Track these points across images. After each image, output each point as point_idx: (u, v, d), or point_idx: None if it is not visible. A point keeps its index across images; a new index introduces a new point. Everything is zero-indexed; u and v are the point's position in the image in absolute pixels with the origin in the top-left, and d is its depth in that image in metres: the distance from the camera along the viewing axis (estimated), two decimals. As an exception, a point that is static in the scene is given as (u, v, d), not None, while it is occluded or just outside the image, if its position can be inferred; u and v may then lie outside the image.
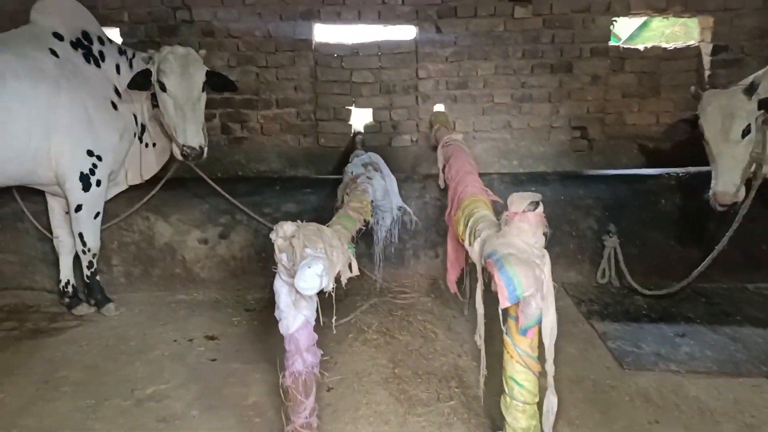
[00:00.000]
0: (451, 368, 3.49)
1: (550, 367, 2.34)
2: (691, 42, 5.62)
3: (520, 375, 2.37)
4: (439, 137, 4.63)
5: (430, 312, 4.26)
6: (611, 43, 5.56)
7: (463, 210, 2.90)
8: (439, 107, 5.64)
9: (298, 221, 2.43)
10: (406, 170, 5.44)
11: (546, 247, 2.35)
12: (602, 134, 5.60)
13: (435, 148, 4.75)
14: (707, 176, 3.90)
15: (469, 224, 2.70)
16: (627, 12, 5.42)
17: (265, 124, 5.72)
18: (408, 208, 4.35)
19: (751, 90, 3.59)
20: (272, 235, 2.39)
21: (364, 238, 4.33)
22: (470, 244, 2.58)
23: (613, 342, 3.78)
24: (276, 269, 2.42)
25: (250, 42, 5.53)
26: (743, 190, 3.75)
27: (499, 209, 2.69)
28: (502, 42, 5.49)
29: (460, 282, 3.93)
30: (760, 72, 4.02)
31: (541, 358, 2.38)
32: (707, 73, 5.43)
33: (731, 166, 3.68)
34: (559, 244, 4.72)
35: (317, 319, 2.51)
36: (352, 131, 5.77)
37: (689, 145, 4.23)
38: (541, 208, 2.32)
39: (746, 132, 3.62)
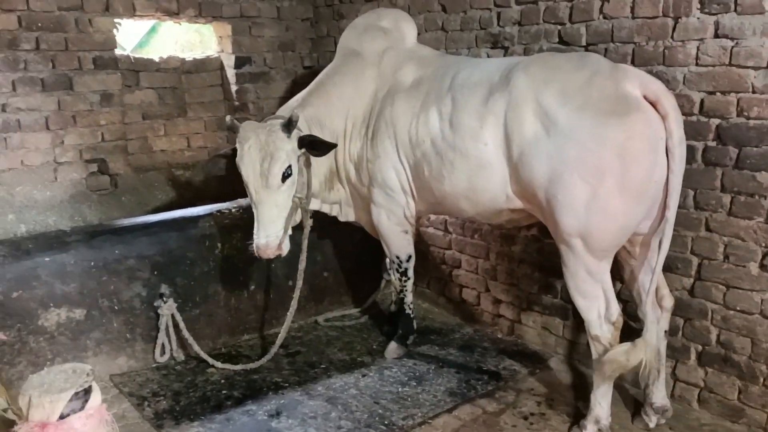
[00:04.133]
0: None
1: None
2: (212, 53, 4.95)
3: None
4: None
5: None
6: (119, 51, 4.43)
7: None
8: None
9: None
10: None
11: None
12: (127, 167, 4.44)
13: None
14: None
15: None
16: (132, 14, 4.35)
17: None
18: None
19: (289, 126, 3.01)
20: None
21: None
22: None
23: (200, 456, 2.82)
24: None
25: None
26: (288, 240, 3.17)
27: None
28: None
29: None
30: (294, 101, 3.52)
31: None
32: (234, 87, 4.85)
33: (273, 215, 3.08)
34: (98, 328, 3.45)
35: None
36: None
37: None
38: (97, 397, 1.15)
39: (287, 175, 3.05)
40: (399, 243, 3.56)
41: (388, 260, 3.76)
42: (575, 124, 2.55)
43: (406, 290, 3.72)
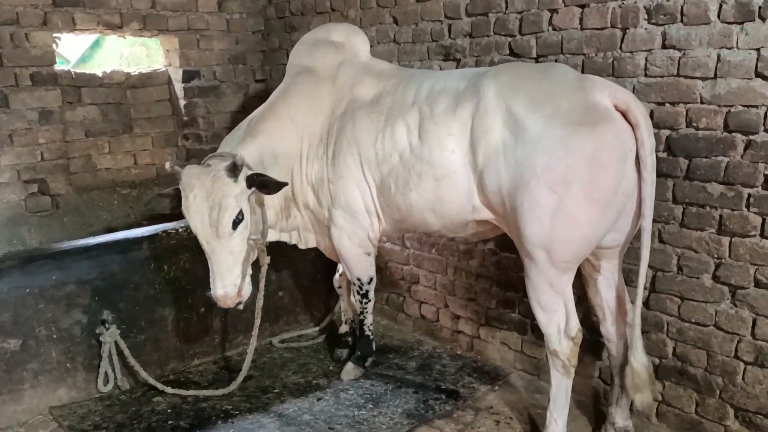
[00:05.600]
0: None
1: None
2: (159, 66, 4.80)
3: None
4: None
5: None
6: (60, 66, 4.25)
7: None
8: None
9: None
10: None
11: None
12: (69, 187, 4.24)
13: None
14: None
15: None
16: (71, 28, 4.18)
17: None
18: None
19: (235, 171, 2.80)
20: None
21: None
22: None
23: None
24: None
25: None
26: (247, 286, 3.00)
27: None
28: None
29: None
30: (244, 125, 3.35)
31: None
32: (182, 102, 4.70)
33: (230, 263, 2.89)
34: (35, 359, 3.26)
35: None
36: None
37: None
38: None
39: (238, 221, 2.86)
40: (361, 265, 3.44)
41: (337, 276, 3.66)
42: (545, 132, 2.48)
43: (366, 312, 3.60)
